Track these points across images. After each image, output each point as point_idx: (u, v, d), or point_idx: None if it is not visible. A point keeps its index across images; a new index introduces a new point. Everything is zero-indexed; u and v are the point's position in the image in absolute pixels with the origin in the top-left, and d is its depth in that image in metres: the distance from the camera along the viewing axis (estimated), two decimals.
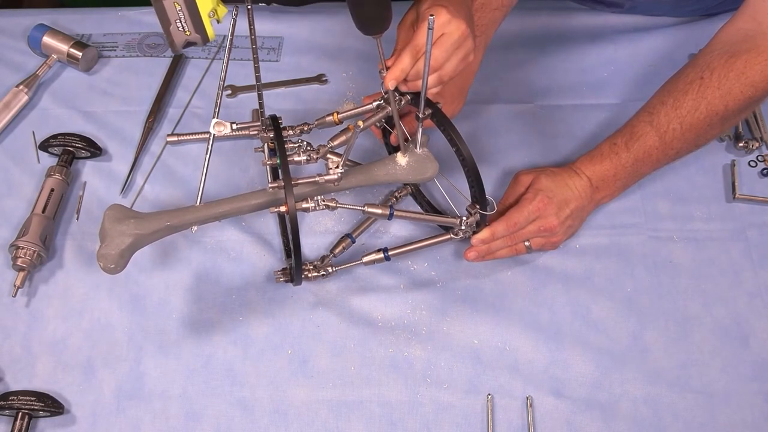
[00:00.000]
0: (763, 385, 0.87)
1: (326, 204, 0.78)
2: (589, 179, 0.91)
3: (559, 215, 0.89)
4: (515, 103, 1.08)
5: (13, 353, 0.89)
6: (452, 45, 0.77)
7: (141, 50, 1.14)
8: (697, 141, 0.90)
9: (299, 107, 1.08)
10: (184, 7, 0.63)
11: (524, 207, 0.88)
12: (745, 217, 0.98)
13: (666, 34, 1.14)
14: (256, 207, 0.82)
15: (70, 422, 0.85)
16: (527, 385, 0.87)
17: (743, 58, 0.84)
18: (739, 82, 0.84)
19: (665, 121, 0.88)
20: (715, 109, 0.86)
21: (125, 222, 0.76)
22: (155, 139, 1.06)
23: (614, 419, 0.85)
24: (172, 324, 0.91)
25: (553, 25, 1.15)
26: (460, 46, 0.78)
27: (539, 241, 0.91)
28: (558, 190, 0.89)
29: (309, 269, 0.90)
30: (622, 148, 0.90)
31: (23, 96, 1.07)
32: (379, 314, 0.91)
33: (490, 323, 0.91)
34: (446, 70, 0.78)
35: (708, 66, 0.86)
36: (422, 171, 0.84)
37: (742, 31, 0.86)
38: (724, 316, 0.91)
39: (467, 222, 0.85)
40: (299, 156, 0.79)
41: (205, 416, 0.85)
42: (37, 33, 1.09)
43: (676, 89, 0.88)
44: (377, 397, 0.86)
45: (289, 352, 0.89)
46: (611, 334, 0.90)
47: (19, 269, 0.91)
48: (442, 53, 0.77)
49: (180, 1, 0.63)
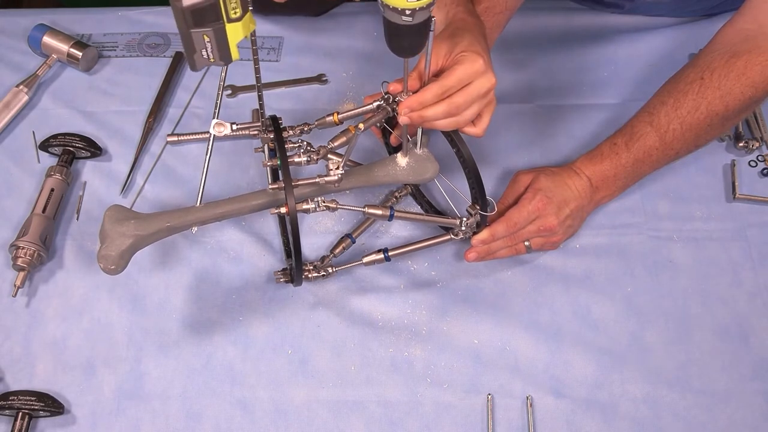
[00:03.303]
0: (763, 385, 0.87)
1: (326, 205, 0.78)
2: (588, 179, 0.91)
3: (559, 215, 0.89)
4: (515, 103, 1.08)
5: (13, 353, 0.89)
6: (478, 96, 0.76)
7: (141, 50, 1.14)
8: (697, 141, 0.90)
9: (299, 107, 1.08)
10: (213, 39, 0.62)
11: (524, 207, 0.88)
12: (745, 217, 0.98)
13: (666, 34, 1.14)
14: (257, 208, 0.82)
15: (70, 422, 0.85)
16: (527, 385, 0.87)
17: (744, 59, 0.84)
18: (740, 83, 0.84)
19: (665, 121, 0.88)
20: (716, 109, 0.86)
21: (125, 223, 0.76)
22: (155, 139, 1.06)
23: (614, 419, 0.85)
24: (172, 324, 0.91)
25: (553, 25, 1.15)
26: (484, 98, 0.77)
27: (539, 241, 0.91)
28: (557, 190, 0.89)
29: (309, 269, 0.90)
30: (622, 148, 0.90)
31: (23, 96, 1.07)
32: (379, 314, 0.91)
33: (490, 323, 0.91)
34: (464, 117, 0.77)
35: (708, 66, 0.86)
36: (422, 171, 0.84)
37: (743, 32, 0.86)
38: (724, 316, 0.91)
39: (467, 223, 0.85)
40: (299, 157, 0.79)
41: (205, 416, 0.85)
42: (37, 33, 1.09)
43: (676, 89, 0.88)
44: (377, 397, 0.86)
45: (289, 352, 0.89)
46: (611, 334, 0.90)
47: (19, 269, 0.91)
48: (466, 100, 0.76)
49: (210, 34, 0.61)
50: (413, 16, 0.63)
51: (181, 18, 0.59)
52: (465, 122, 0.78)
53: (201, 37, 0.61)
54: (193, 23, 0.60)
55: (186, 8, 0.58)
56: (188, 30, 0.60)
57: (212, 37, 0.62)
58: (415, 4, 0.62)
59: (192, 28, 0.60)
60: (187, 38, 0.61)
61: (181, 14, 0.59)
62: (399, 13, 0.63)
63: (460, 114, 0.76)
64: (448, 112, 0.75)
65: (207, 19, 0.60)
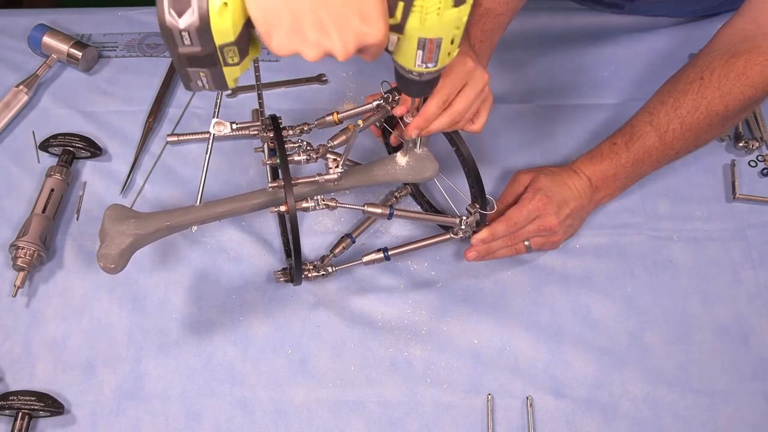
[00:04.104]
0: (763, 385, 0.87)
1: (326, 203, 0.78)
2: (588, 179, 0.91)
3: (559, 215, 0.89)
4: (515, 103, 1.08)
5: (13, 353, 0.89)
6: (475, 95, 0.77)
7: (141, 50, 1.14)
8: (697, 141, 0.90)
9: (299, 107, 1.08)
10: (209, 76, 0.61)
11: (524, 206, 0.88)
12: (745, 217, 0.98)
13: (666, 34, 1.14)
14: (256, 207, 0.82)
15: (70, 422, 0.85)
16: (527, 385, 0.87)
17: (743, 59, 0.84)
18: (739, 83, 0.84)
19: (665, 121, 0.88)
20: (715, 109, 0.86)
21: (125, 222, 0.76)
22: (155, 139, 1.06)
23: (614, 419, 0.85)
24: (172, 324, 0.91)
25: (553, 25, 1.15)
26: (480, 95, 0.78)
27: (539, 241, 0.91)
28: (557, 190, 0.89)
29: (309, 269, 0.90)
30: (622, 148, 0.90)
31: (23, 96, 1.07)
32: (379, 314, 0.91)
33: (490, 323, 0.91)
34: (465, 119, 0.78)
35: (708, 66, 0.86)
36: (422, 171, 0.84)
37: (743, 32, 0.86)
38: (724, 316, 0.91)
39: (467, 221, 0.85)
40: (299, 155, 0.79)
41: (205, 416, 0.85)
42: (37, 33, 1.09)
43: (676, 89, 0.88)
44: (377, 397, 0.86)
45: (289, 352, 0.89)
46: (611, 334, 0.90)
47: (19, 269, 0.91)
48: (464, 103, 0.76)
49: (206, 71, 0.60)
50: (422, 75, 0.65)
51: (177, 60, 0.58)
52: (465, 122, 0.79)
53: (197, 74, 0.60)
54: (188, 65, 0.59)
55: (182, 55, 0.57)
56: (184, 68, 0.59)
57: (208, 74, 0.60)
58: (425, 69, 0.64)
59: (188, 67, 0.59)
60: (183, 73, 0.60)
61: (177, 58, 0.58)
62: (409, 72, 0.65)
63: (463, 118, 0.78)
64: (452, 122, 0.76)
65: (204, 64, 0.59)
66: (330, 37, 0.58)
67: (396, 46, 0.62)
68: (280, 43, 0.58)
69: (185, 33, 0.55)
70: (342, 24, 0.57)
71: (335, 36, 0.58)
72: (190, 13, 0.55)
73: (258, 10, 0.56)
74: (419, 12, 0.58)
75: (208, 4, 0.54)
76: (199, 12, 0.55)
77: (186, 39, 0.56)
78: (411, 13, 0.58)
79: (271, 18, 0.57)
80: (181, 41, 0.56)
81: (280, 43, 0.58)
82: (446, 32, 0.60)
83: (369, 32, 0.58)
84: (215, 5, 0.55)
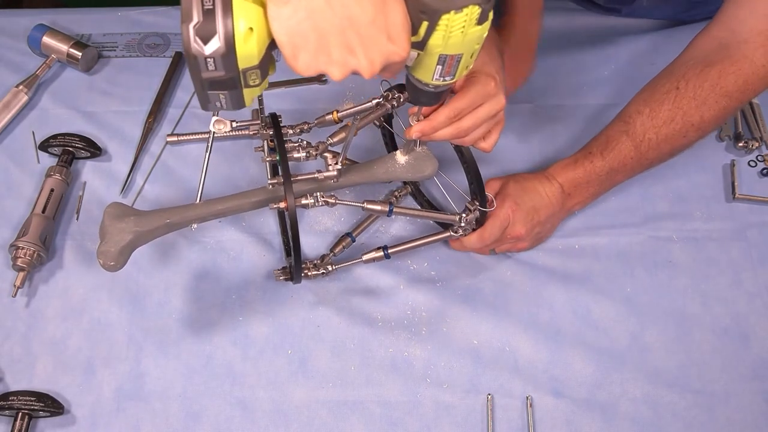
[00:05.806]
0: (763, 385, 0.87)
1: (325, 200, 0.78)
2: (561, 185, 0.91)
3: (527, 224, 0.88)
4: (515, 103, 1.08)
5: (13, 353, 0.89)
6: (487, 118, 0.76)
7: (141, 50, 1.14)
8: (672, 151, 0.89)
9: (299, 107, 1.08)
10: (228, 98, 0.60)
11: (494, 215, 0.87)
12: (745, 217, 0.98)
13: (666, 34, 1.14)
14: (256, 204, 0.82)
15: (70, 422, 0.85)
16: (527, 385, 0.87)
17: (717, 68, 0.84)
18: (714, 92, 0.84)
19: (641, 130, 0.87)
20: (691, 119, 0.85)
21: (125, 219, 0.77)
22: (155, 139, 1.06)
23: (614, 419, 0.85)
24: (172, 324, 0.91)
25: (553, 25, 1.15)
26: (493, 119, 0.77)
27: (505, 247, 0.91)
28: (527, 197, 0.89)
29: (309, 267, 0.90)
30: (597, 156, 0.90)
31: (23, 96, 1.07)
32: (379, 314, 0.91)
33: (490, 323, 0.91)
34: (472, 137, 0.77)
35: (683, 76, 0.85)
36: (422, 169, 0.84)
37: (717, 40, 0.85)
38: (724, 316, 0.91)
39: (467, 219, 0.85)
40: (298, 153, 0.79)
41: (205, 416, 0.85)
42: (37, 33, 1.09)
43: (652, 99, 0.87)
44: (377, 397, 0.86)
45: (289, 352, 0.89)
46: (611, 334, 0.90)
47: (19, 269, 0.91)
48: (474, 123, 0.75)
49: (226, 93, 0.60)
50: (437, 87, 0.65)
51: (198, 83, 0.58)
52: (472, 141, 0.78)
53: (217, 95, 0.60)
54: (209, 88, 0.59)
55: (205, 79, 0.57)
56: (204, 92, 0.59)
57: (227, 96, 0.60)
58: (442, 83, 0.64)
59: (208, 90, 0.59)
60: (203, 96, 0.60)
61: (199, 82, 0.58)
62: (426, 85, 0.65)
63: (467, 135, 0.77)
64: (455, 135, 0.76)
65: (226, 87, 0.59)
66: (356, 56, 0.58)
67: (415, 61, 0.62)
68: (306, 64, 0.58)
69: (210, 59, 0.55)
70: (369, 43, 0.57)
71: (362, 55, 0.58)
72: (216, 40, 0.55)
73: (284, 34, 0.56)
74: (444, 30, 0.58)
75: (234, 30, 0.54)
76: (225, 39, 0.55)
77: (210, 65, 0.56)
78: (435, 31, 0.58)
79: (297, 41, 0.56)
80: (206, 67, 0.56)
81: (306, 64, 0.58)
82: (468, 49, 0.60)
83: (395, 50, 0.58)
84: (241, 31, 0.55)
